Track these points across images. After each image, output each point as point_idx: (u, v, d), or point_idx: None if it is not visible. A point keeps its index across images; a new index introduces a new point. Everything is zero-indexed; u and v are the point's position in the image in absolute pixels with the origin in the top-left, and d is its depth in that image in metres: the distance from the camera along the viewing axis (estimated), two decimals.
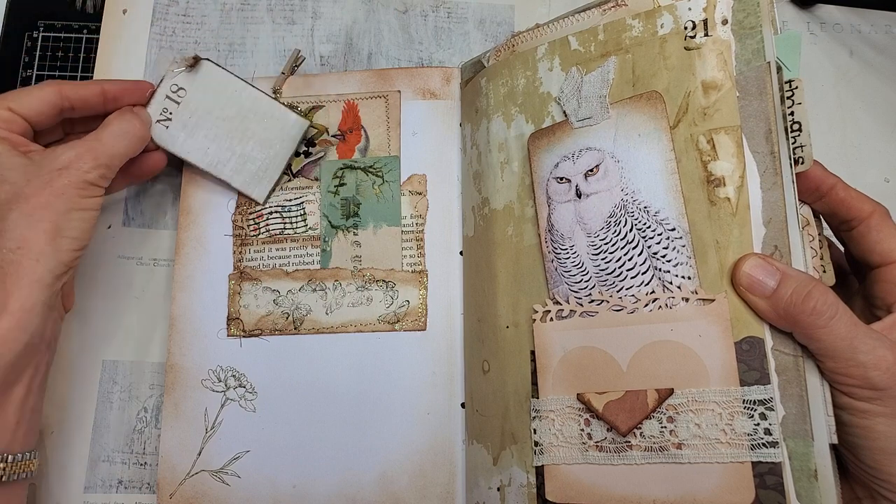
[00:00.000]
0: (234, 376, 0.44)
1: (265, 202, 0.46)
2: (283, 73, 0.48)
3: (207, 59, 0.45)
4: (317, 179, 0.47)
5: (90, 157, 0.38)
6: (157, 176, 0.48)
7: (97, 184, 0.38)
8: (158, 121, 0.44)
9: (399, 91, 0.48)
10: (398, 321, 0.45)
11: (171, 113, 0.44)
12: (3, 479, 0.35)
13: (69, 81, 0.42)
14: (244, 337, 0.45)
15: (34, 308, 0.35)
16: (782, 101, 0.34)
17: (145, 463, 0.45)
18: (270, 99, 0.46)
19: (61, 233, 0.37)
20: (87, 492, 0.44)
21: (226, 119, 0.45)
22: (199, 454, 0.43)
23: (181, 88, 0.44)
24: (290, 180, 0.47)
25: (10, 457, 0.35)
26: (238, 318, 0.45)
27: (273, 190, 0.46)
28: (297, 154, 0.47)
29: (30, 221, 0.36)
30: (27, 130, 0.40)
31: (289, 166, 0.47)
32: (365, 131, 0.48)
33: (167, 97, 0.44)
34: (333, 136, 0.48)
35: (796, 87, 0.34)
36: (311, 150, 0.48)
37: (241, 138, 0.45)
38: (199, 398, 0.44)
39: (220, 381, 0.44)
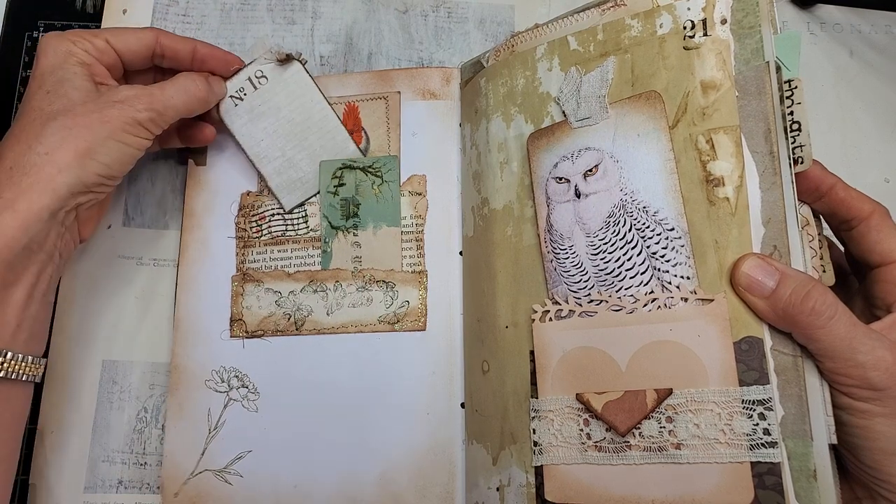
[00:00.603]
0: (236, 377, 0.44)
1: (289, 211, 0.47)
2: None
3: (300, 62, 0.46)
4: None
5: (146, 100, 0.40)
6: (157, 176, 0.48)
7: (144, 125, 0.40)
8: (231, 96, 0.46)
9: (399, 92, 0.48)
10: (398, 321, 0.45)
11: (244, 94, 0.46)
12: (1, 375, 0.36)
13: (168, 32, 0.44)
14: (247, 338, 0.45)
15: (40, 213, 0.36)
16: (782, 101, 0.34)
17: (145, 463, 0.45)
18: (339, 122, 0.47)
19: (92, 154, 0.37)
20: (87, 492, 0.44)
21: (291, 121, 0.46)
22: (203, 454, 0.43)
23: (264, 76, 0.46)
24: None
25: (9, 353, 0.36)
26: (241, 320, 0.45)
27: (301, 204, 0.47)
28: None
29: (66, 134, 0.37)
30: (116, 64, 0.42)
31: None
32: (365, 132, 0.48)
33: (248, 79, 0.46)
34: None
35: (796, 87, 0.34)
36: None
37: (295, 144, 0.46)
38: (202, 398, 0.44)
39: (223, 382, 0.44)
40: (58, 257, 0.39)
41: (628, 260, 0.36)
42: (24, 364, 0.37)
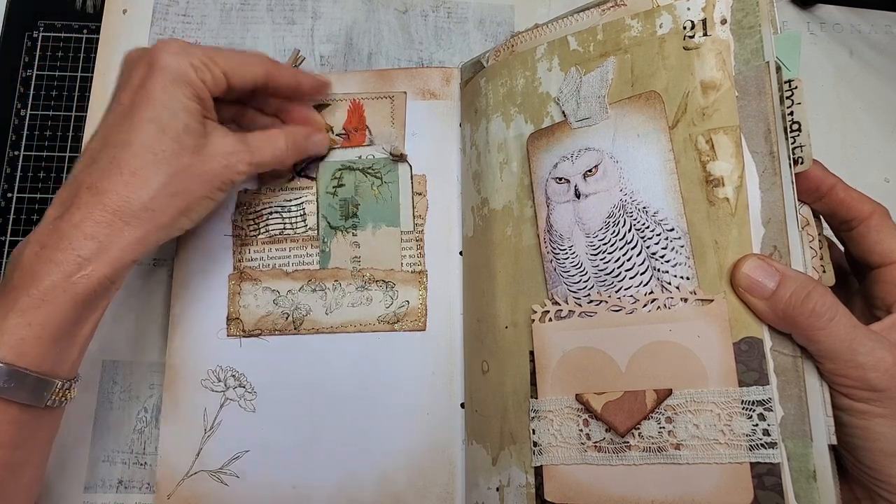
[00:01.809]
0: (233, 376, 0.44)
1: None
2: None
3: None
4: (314, 179, 0.47)
5: (247, 157, 0.39)
6: None
7: (236, 182, 0.40)
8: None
9: (405, 92, 0.48)
10: (398, 321, 0.45)
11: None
12: (54, 405, 0.35)
13: (277, 63, 0.42)
14: (244, 337, 0.45)
15: (128, 263, 0.36)
16: (781, 101, 0.33)
17: (145, 463, 0.45)
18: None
19: (188, 213, 0.38)
20: (87, 492, 0.44)
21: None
22: (199, 454, 0.43)
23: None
24: (290, 179, 0.47)
25: (64, 383, 0.36)
26: (238, 318, 0.45)
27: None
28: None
29: (172, 195, 0.36)
30: (223, 93, 0.40)
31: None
32: (369, 131, 0.48)
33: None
34: (338, 134, 0.47)
35: (796, 87, 0.34)
36: None
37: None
38: (198, 398, 0.44)
39: (219, 381, 0.44)
40: (119, 286, 0.38)
41: (628, 260, 0.36)
42: (70, 391, 0.36)
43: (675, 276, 0.35)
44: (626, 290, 0.36)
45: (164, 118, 0.37)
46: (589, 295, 0.37)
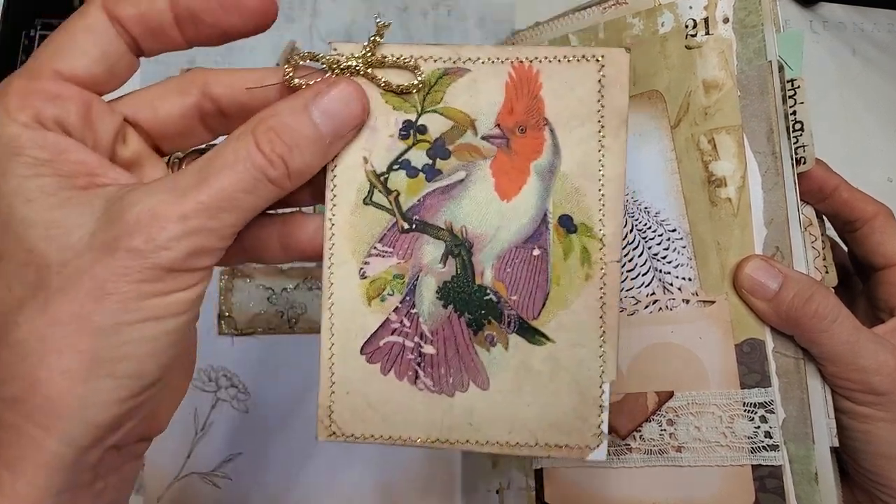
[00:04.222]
0: (225, 376, 0.44)
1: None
2: (277, 65, 0.48)
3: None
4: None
5: (176, 213, 0.21)
6: None
7: (186, 267, 0.22)
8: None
9: (628, 49, 0.32)
10: None
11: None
12: None
13: (213, 70, 0.26)
14: (236, 335, 0.44)
15: (40, 498, 0.21)
16: (784, 101, 0.33)
17: (142, 464, 0.44)
18: None
19: (97, 369, 0.21)
20: None
21: None
22: (189, 456, 0.43)
23: None
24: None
25: None
26: (230, 316, 0.44)
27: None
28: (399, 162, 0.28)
29: (40, 351, 0.20)
30: (122, 140, 0.24)
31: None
32: (551, 129, 0.26)
33: None
34: (488, 136, 0.27)
35: (798, 87, 0.34)
36: (434, 158, 0.27)
37: None
38: (188, 398, 0.43)
39: (210, 381, 0.44)
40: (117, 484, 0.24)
41: (629, 261, 0.36)
42: None
43: (677, 277, 0.34)
44: (627, 290, 0.36)
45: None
46: None
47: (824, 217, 0.37)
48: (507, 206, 0.27)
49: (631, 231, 0.36)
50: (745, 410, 0.32)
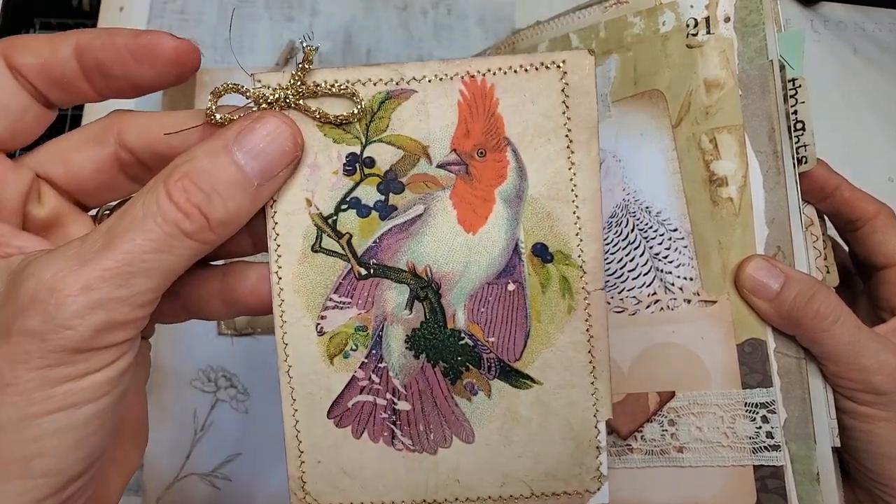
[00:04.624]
0: (224, 376, 0.43)
1: None
2: (277, 65, 0.48)
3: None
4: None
5: (77, 284, 0.19)
6: None
7: (96, 345, 0.19)
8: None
9: (592, 52, 0.32)
10: None
11: None
12: None
13: (135, 114, 0.23)
14: (236, 336, 0.44)
15: None
16: (785, 100, 0.33)
17: (141, 465, 0.44)
18: None
19: (4, 472, 0.18)
20: None
21: None
22: (188, 457, 0.42)
23: None
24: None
25: None
26: None
27: None
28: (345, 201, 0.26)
29: None
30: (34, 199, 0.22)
31: None
32: (513, 149, 0.24)
33: None
34: (445, 164, 0.24)
35: (799, 86, 0.34)
36: (386, 194, 0.24)
37: None
38: (188, 399, 0.43)
39: (210, 382, 0.43)
40: None
41: (631, 261, 0.36)
42: None
43: (679, 276, 0.34)
44: (628, 290, 0.35)
45: None
46: None
47: (825, 217, 0.37)
48: (473, 239, 0.24)
49: (632, 231, 0.36)
50: (746, 410, 0.32)
